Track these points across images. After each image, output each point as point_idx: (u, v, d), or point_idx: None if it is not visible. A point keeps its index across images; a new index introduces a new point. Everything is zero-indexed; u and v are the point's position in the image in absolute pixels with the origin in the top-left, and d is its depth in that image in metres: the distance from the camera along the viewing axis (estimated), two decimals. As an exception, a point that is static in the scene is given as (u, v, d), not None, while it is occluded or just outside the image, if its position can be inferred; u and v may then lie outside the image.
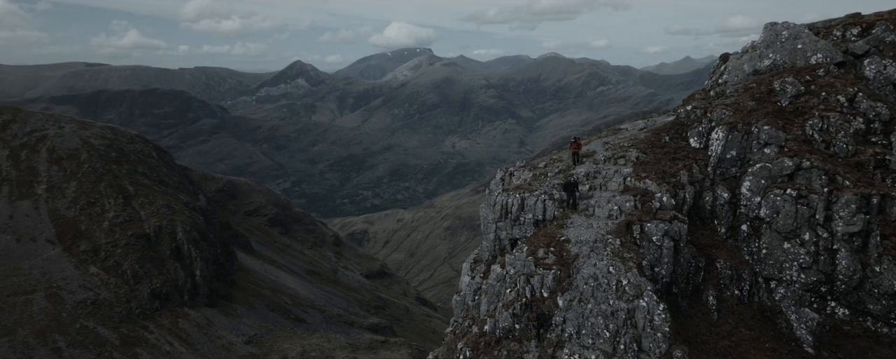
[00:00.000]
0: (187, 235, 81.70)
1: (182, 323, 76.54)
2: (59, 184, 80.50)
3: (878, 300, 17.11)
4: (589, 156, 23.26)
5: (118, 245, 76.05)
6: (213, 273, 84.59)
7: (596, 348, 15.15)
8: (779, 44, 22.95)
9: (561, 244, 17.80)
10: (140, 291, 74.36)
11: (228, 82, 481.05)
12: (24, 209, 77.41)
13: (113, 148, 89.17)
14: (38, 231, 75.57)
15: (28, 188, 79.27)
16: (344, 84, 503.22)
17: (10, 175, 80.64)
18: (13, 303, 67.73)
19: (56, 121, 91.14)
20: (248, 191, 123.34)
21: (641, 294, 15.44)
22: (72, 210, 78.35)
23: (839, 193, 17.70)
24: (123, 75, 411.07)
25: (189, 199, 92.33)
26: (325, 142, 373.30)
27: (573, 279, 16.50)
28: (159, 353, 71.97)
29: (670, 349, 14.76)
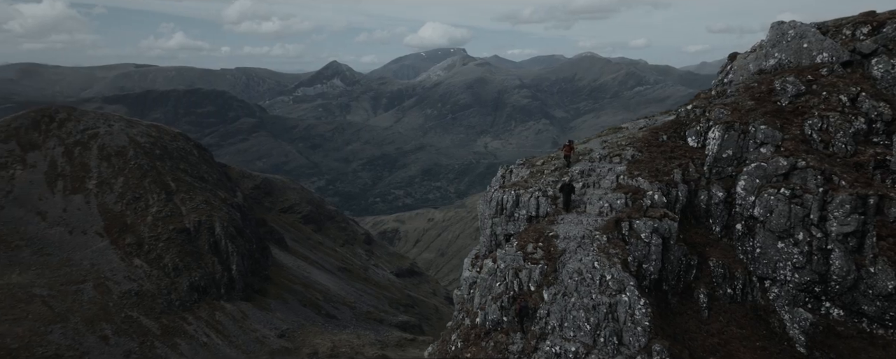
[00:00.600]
0: (225, 231, 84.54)
1: (218, 315, 79.33)
2: (108, 179, 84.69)
3: (873, 301, 17.00)
4: (585, 154, 23.49)
5: (160, 239, 79.47)
6: (249, 268, 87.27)
7: (577, 341, 15.54)
8: (784, 43, 22.74)
9: (549, 240, 18.24)
10: (180, 283, 77.51)
11: (267, 82, 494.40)
12: (77, 203, 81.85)
13: (157, 145, 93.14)
14: (88, 224, 79.79)
15: (80, 183, 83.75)
16: (378, 84, 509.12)
17: (64, 171, 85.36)
18: (65, 292, 71.73)
19: (106, 119, 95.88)
20: (284, 188, 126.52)
21: (624, 289, 15.79)
22: (119, 205, 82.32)
23: (834, 193, 17.59)
24: (169, 76, 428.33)
25: (227, 195, 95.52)
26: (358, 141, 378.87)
27: (559, 274, 16.97)
28: (197, 344, 74.81)
29: (650, 343, 15.01)
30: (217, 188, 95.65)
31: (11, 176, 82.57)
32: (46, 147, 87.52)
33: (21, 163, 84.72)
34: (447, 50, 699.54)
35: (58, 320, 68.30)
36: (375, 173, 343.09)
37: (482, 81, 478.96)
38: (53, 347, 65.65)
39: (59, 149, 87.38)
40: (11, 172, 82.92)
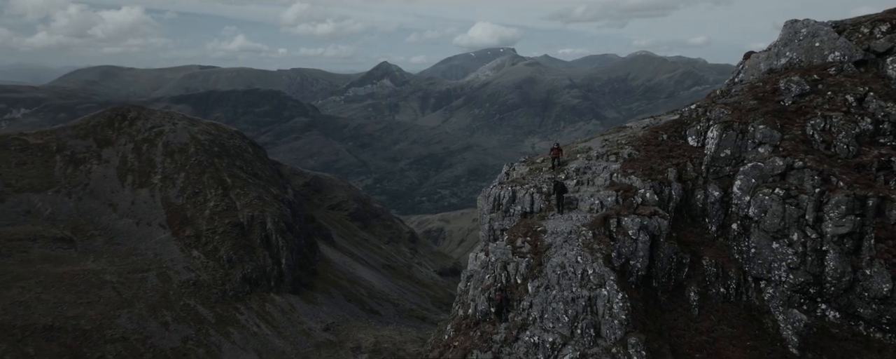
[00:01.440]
0: (275, 226, 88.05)
1: (268, 307, 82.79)
2: (171, 175, 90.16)
3: (868, 304, 16.72)
4: (584, 152, 23.81)
5: (216, 232, 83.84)
6: (297, 262, 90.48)
7: (555, 331, 16.17)
8: (796, 42, 22.37)
9: (537, 235, 18.84)
10: (233, 275, 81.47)
11: (320, 83, 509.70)
12: (143, 196, 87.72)
13: (216, 143, 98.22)
14: (152, 216, 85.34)
15: (146, 178, 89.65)
16: (426, 84, 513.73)
17: (133, 166, 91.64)
18: (132, 279, 77.05)
19: (171, 118, 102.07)
20: (332, 186, 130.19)
21: (604, 283, 16.23)
22: (180, 199, 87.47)
23: (831, 193, 17.33)
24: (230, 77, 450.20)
25: (278, 192, 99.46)
26: (406, 141, 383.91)
27: (543, 267, 17.55)
28: (248, 333, 78.41)
29: (626, 336, 15.42)
30: (269, 185, 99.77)
31: (88, 170, 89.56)
32: (119, 144, 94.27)
33: (97, 158, 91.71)
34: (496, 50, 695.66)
35: (125, 305, 73.48)
36: (422, 173, 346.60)
37: (531, 81, 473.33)
38: (120, 330, 70.71)
39: (130, 145, 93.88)
40: (88, 167, 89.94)
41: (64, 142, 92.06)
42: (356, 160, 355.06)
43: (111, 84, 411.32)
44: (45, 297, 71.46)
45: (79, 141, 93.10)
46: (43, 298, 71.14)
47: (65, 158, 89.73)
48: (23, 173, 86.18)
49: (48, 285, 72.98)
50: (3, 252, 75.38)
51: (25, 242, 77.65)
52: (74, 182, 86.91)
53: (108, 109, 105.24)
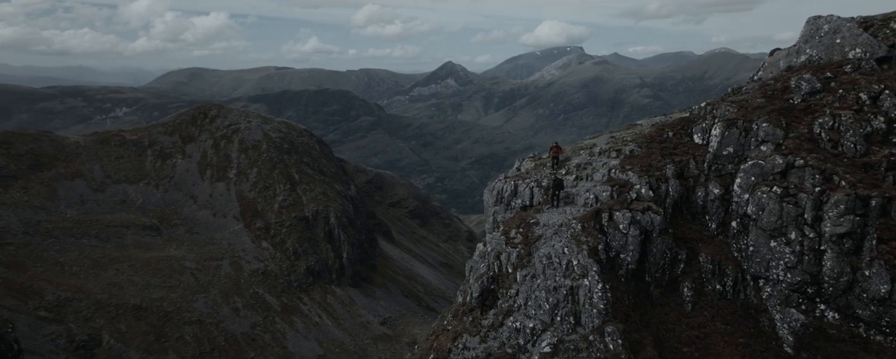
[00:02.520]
0: (338, 221, 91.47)
1: (329, 299, 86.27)
2: (245, 170, 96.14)
3: (867, 305, 16.47)
4: (588, 148, 24.17)
5: (284, 225, 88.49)
6: (358, 257, 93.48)
7: (537, 318, 17.00)
8: (817, 38, 22.02)
9: (530, 226, 19.54)
10: (298, 266, 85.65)
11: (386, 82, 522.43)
12: (220, 190, 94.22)
13: (286, 140, 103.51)
14: (228, 208, 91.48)
15: (223, 172, 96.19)
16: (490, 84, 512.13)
17: (212, 161, 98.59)
18: (208, 266, 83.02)
19: (246, 116, 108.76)
20: (393, 184, 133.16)
21: (586, 274, 16.81)
22: (252, 192, 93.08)
23: (831, 193, 17.06)
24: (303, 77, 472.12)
25: (342, 188, 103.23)
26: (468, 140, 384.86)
27: (532, 257, 18.22)
28: (310, 323, 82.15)
29: (603, 325, 16.05)
30: (334, 181, 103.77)
31: (174, 164, 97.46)
32: (200, 140, 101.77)
33: (181, 153, 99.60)
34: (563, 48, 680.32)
35: (201, 290, 79.37)
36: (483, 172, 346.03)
37: (599, 80, 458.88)
38: (197, 314, 76.50)
39: (209, 142, 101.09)
40: (174, 161, 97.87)
41: (154, 138, 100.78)
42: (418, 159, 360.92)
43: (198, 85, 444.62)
44: (136, 279, 78.68)
45: (167, 137, 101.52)
46: (133, 280, 78.37)
47: (155, 153, 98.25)
48: (120, 166, 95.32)
49: (138, 268, 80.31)
50: (102, 237, 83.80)
51: (120, 229, 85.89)
52: (162, 175, 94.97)
53: (192, 107, 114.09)
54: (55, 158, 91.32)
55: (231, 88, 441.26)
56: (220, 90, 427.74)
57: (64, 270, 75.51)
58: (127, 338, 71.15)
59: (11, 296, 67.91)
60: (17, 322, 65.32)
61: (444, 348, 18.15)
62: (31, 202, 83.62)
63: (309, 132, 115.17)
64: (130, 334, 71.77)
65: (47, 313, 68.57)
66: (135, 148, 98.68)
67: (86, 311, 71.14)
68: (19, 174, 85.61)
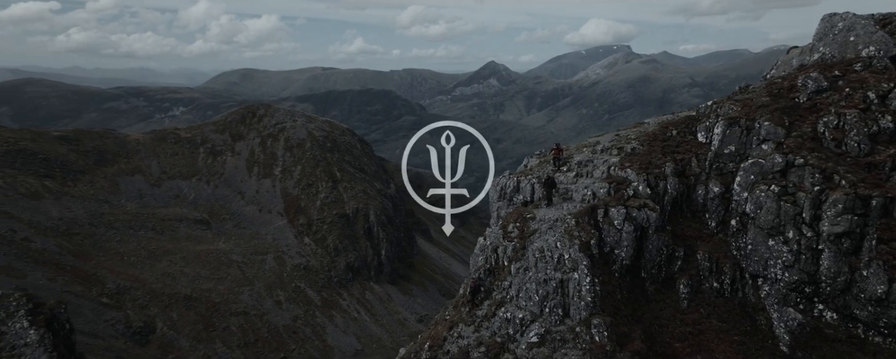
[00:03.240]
0: (378, 219, 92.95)
1: (368, 295, 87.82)
2: (290, 167, 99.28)
3: (865, 306, 16.35)
4: (591, 145, 24.45)
5: (325, 222, 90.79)
6: (396, 254, 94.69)
7: (526, 309, 17.48)
8: (831, 36, 21.79)
9: (526, 221, 19.95)
10: (338, 262, 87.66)
11: (429, 82, 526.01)
12: (266, 186, 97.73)
13: (329, 139, 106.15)
14: (272, 204, 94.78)
15: (269, 169, 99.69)
16: (533, 83, 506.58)
17: (259, 158, 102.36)
18: (253, 260, 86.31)
19: (292, 116, 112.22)
20: (432, 182, 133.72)
21: (577, 268, 17.15)
22: (296, 189, 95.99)
23: (831, 192, 16.96)
24: (347, 78, 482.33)
25: (382, 186, 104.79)
26: (509, 140, 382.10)
27: (526, 251, 18.62)
28: (349, 318, 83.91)
29: (590, 317, 16.41)
30: (374, 179, 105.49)
31: (224, 162, 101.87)
32: (249, 138, 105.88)
33: (231, 151, 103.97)
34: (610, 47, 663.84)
35: (247, 283, 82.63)
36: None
37: (646, 80, 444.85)
38: (242, 305, 79.70)
39: (257, 140, 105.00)
40: (224, 159, 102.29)
41: (206, 136, 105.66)
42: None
43: (249, 85, 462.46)
44: (187, 271, 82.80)
45: (218, 135, 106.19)
46: (185, 271, 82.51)
47: (206, 151, 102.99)
48: (175, 163, 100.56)
49: (189, 260, 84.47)
50: (158, 229, 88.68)
51: (174, 223, 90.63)
52: (213, 171, 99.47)
53: (241, 107, 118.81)
54: (118, 155, 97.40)
55: (280, 88, 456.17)
56: (269, 90, 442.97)
57: (123, 259, 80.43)
58: (178, 326, 75.02)
59: (78, 283, 72.96)
60: (82, 307, 70.14)
61: (439, 336, 18.89)
62: (96, 195, 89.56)
63: (351, 131, 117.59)
64: (181, 322, 75.62)
65: (108, 299, 73.22)
66: (188, 145, 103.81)
67: (142, 299, 75.51)
68: (86, 169, 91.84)
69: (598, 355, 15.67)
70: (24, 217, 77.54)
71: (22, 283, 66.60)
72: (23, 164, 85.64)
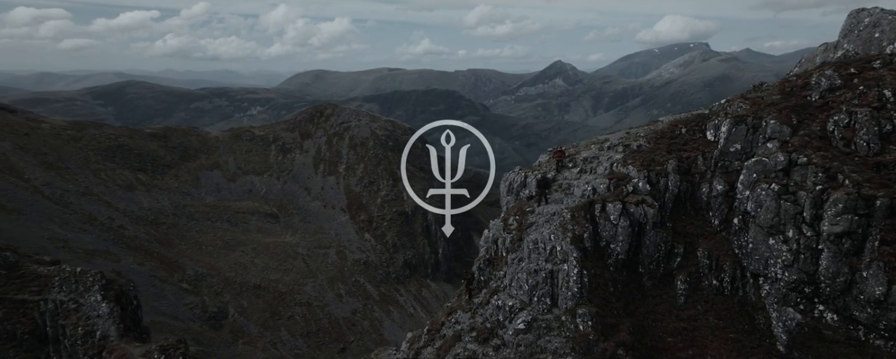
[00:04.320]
0: (436, 217, 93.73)
1: (424, 292, 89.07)
2: (353, 165, 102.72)
3: (864, 307, 15.99)
4: (600, 143, 24.73)
5: (385, 219, 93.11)
6: (453, 253, 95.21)
7: (517, 298, 18.16)
8: (856, 33, 21.18)
9: (525, 214, 20.53)
10: (397, 259, 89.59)
11: (493, 82, 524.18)
12: (331, 183, 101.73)
13: (391, 138, 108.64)
14: (336, 201, 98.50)
15: (334, 167, 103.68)
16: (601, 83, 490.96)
17: (325, 156, 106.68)
18: (317, 254, 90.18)
19: (357, 115, 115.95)
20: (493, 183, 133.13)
21: (567, 259, 17.58)
22: (358, 187, 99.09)
23: (832, 191, 16.63)
24: (413, 78, 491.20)
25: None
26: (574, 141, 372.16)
27: (522, 242, 19.21)
28: (405, 314, 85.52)
29: (576, 307, 16.86)
30: (433, 178, 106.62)
31: (292, 159, 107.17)
32: (316, 136, 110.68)
33: (299, 148, 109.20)
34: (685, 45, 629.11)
35: (310, 275, 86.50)
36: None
37: (725, 79, 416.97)
38: (306, 296, 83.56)
39: (324, 138, 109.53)
40: (292, 156, 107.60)
41: (278, 134, 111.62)
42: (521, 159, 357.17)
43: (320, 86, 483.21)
44: (257, 261, 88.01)
45: (288, 133, 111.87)
46: (255, 262, 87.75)
47: (277, 148, 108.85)
48: (249, 159, 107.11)
49: (259, 251, 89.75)
50: (232, 221, 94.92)
51: (246, 215, 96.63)
52: (282, 168, 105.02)
53: (310, 106, 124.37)
54: (199, 151, 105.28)
55: (348, 89, 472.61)
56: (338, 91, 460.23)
57: (201, 248, 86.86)
58: (248, 313, 79.92)
59: (163, 268, 79.68)
60: (165, 291, 76.54)
61: (439, 322, 19.93)
62: (180, 188, 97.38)
63: (412, 130, 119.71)
64: (251, 309, 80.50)
65: (188, 285, 79.36)
66: (261, 143, 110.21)
67: (217, 286, 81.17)
68: (172, 164, 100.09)
69: (580, 343, 16.11)
70: (120, 207, 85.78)
71: (116, 266, 73.68)
72: (121, 158, 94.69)
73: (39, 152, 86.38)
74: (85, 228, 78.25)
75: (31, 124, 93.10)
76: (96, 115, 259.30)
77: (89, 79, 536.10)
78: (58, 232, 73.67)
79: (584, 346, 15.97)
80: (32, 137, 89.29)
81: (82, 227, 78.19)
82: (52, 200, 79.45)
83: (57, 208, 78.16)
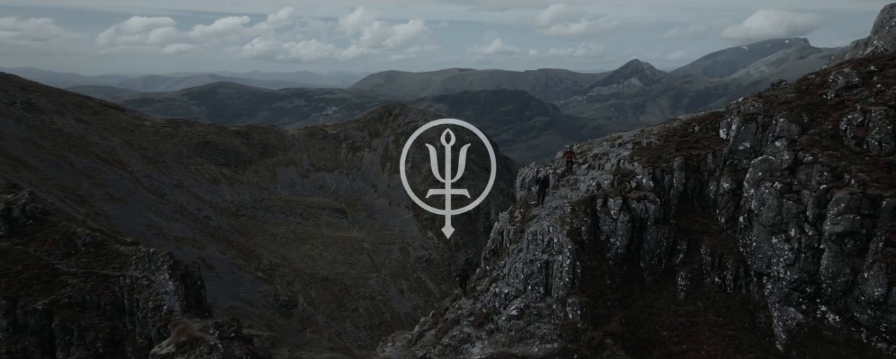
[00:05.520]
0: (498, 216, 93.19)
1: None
2: (418, 164, 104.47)
3: (864, 309, 15.52)
4: (613, 140, 25.26)
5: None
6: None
7: (513, 286, 18.96)
8: (886, 29, 20.79)
9: (529, 207, 21.32)
10: (458, 257, 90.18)
11: (564, 82, 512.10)
12: (396, 181, 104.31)
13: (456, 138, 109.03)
14: (401, 198, 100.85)
15: (399, 165, 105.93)
16: (681, 83, 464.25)
17: (392, 154, 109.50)
18: (381, 249, 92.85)
19: (423, 115, 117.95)
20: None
21: (562, 251, 18.14)
22: (423, 185, 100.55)
23: (837, 190, 16.30)
24: (483, 78, 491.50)
25: (505, 185, 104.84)
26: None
27: (523, 234, 19.89)
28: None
29: (567, 296, 17.44)
30: (497, 178, 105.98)
31: (361, 157, 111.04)
32: (383, 135, 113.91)
33: (368, 147, 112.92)
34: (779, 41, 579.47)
35: (375, 270, 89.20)
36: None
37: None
38: (370, 290, 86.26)
39: (391, 137, 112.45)
40: (361, 154, 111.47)
41: (348, 133, 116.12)
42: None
43: (392, 86, 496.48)
44: (325, 254, 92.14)
45: (358, 132, 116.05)
46: (324, 255, 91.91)
47: (348, 146, 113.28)
48: (321, 156, 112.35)
49: (328, 245, 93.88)
50: (304, 215, 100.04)
51: (317, 210, 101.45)
52: (352, 165, 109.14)
53: (379, 106, 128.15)
54: (277, 148, 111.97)
55: (419, 89, 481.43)
56: (409, 91, 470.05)
57: (275, 240, 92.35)
58: (316, 303, 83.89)
59: (241, 257, 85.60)
60: (243, 279, 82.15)
61: (443, 307, 21.12)
62: (259, 183, 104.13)
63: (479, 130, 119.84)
64: (318, 300, 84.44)
65: (263, 274, 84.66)
66: (333, 141, 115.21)
67: (288, 276, 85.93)
68: (253, 159, 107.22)
69: (567, 330, 16.72)
70: (206, 198, 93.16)
71: (202, 253, 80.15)
72: (208, 154, 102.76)
73: (141, 147, 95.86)
74: (176, 217, 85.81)
75: (136, 122, 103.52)
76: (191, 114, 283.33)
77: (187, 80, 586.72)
78: (154, 220, 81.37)
79: (571, 333, 16.60)
80: (137, 133, 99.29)
81: (174, 216, 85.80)
82: (151, 190, 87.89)
83: (154, 198, 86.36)
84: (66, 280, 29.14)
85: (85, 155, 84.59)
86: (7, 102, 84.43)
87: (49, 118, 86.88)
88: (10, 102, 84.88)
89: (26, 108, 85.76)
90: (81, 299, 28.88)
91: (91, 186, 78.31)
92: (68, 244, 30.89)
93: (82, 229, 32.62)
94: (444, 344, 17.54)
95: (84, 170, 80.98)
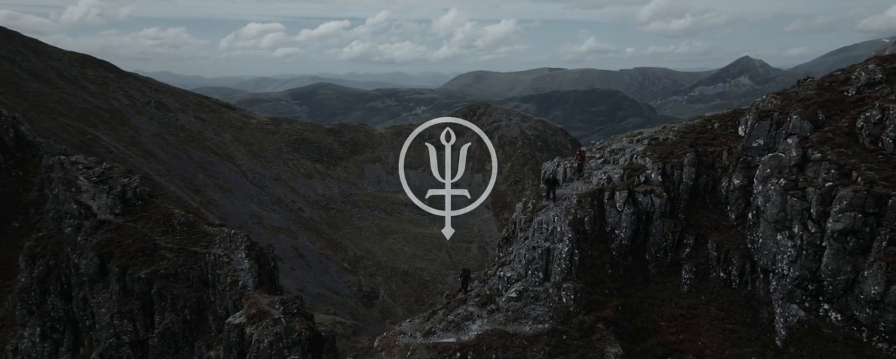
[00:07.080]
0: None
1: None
2: (500, 164, 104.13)
3: (863, 307, 15.22)
4: (633, 137, 26.09)
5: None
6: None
7: (516, 270, 20.10)
8: None
9: (541, 199, 22.36)
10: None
11: (662, 82, 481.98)
12: (478, 180, 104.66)
13: (540, 138, 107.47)
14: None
15: (482, 164, 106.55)
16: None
17: (475, 153, 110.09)
18: (460, 247, 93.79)
19: (508, 114, 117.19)
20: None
21: (563, 239, 18.97)
22: (503, 185, 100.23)
23: (842, 188, 15.83)
24: (574, 78, 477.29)
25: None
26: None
27: (532, 223, 20.86)
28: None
29: (563, 281, 18.39)
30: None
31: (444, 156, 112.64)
32: (467, 134, 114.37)
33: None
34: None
35: (453, 266, 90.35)
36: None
37: None
38: (447, 287, 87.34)
39: (474, 137, 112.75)
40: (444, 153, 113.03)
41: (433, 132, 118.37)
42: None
43: (480, 86, 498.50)
44: (406, 249, 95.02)
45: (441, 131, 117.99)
46: (404, 249, 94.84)
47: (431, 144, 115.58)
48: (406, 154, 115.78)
49: (409, 240, 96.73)
50: (389, 211, 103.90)
51: (401, 207, 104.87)
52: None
53: (465, 105, 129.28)
54: (366, 146, 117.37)
55: (507, 89, 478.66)
56: (498, 91, 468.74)
57: (360, 233, 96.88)
58: (396, 296, 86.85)
59: (329, 248, 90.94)
60: (330, 269, 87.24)
61: (456, 290, 23.18)
62: (348, 178, 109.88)
63: (564, 131, 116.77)
64: (398, 293, 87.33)
65: (348, 265, 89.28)
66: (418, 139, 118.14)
67: (371, 268, 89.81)
68: (343, 156, 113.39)
69: (560, 313, 17.60)
70: (300, 191, 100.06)
71: (294, 242, 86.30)
72: (304, 150, 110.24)
73: (248, 143, 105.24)
74: (274, 208, 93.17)
75: (244, 120, 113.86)
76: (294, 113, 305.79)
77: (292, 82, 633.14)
78: (255, 210, 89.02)
79: (563, 316, 17.50)
80: (244, 130, 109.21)
81: (272, 207, 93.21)
82: (254, 182, 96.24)
83: (256, 190, 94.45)
84: (164, 254, 33.17)
85: (201, 149, 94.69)
86: (144, 101, 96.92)
87: (174, 116, 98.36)
88: (146, 101, 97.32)
89: (158, 107, 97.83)
90: (174, 271, 32.77)
91: (205, 178, 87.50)
92: (167, 223, 35.07)
93: (178, 210, 36.82)
94: (449, 320, 18.95)
95: (200, 162, 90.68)
